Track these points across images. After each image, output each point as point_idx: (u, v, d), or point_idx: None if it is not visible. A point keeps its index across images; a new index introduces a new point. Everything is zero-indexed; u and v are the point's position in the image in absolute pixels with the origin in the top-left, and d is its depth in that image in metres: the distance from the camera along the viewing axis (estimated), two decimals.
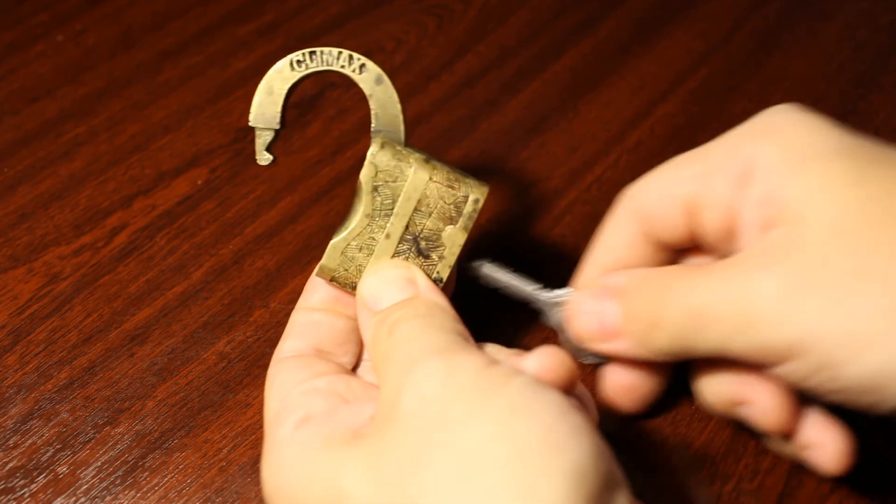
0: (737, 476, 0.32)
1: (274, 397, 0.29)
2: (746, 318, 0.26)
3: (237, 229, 0.41)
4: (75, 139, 0.45)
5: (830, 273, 0.25)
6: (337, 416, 0.27)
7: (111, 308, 0.38)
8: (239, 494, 0.32)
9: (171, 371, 0.36)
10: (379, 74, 0.31)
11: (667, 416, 0.34)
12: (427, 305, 0.28)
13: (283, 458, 0.27)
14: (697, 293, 0.27)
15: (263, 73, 0.31)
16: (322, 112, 0.47)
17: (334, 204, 0.42)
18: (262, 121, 0.31)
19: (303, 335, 0.31)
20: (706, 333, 0.27)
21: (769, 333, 0.25)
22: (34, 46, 0.50)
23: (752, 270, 0.26)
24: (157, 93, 0.48)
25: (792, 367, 0.26)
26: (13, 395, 0.35)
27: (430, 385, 0.24)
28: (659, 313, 0.28)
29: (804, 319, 0.25)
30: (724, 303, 0.26)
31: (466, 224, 0.30)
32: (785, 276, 0.25)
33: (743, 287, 0.26)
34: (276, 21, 0.52)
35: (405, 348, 0.26)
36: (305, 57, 0.31)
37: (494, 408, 0.23)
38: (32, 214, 0.42)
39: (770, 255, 0.26)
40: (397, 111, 0.31)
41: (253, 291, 0.38)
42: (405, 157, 0.30)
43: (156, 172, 0.44)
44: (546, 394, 0.24)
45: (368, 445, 0.24)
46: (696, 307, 0.27)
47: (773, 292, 0.25)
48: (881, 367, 0.24)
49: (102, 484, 0.32)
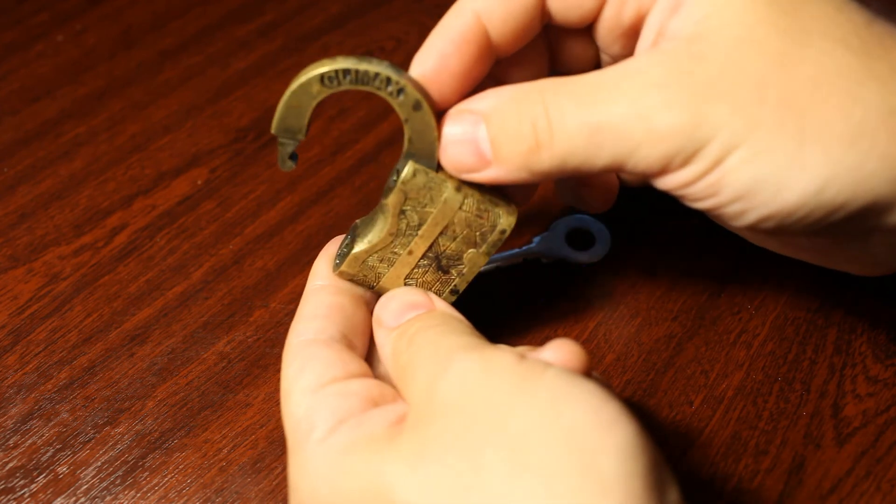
0: (737, 476, 0.32)
1: (301, 392, 0.27)
2: (654, 129, 0.25)
3: (237, 229, 0.41)
4: (75, 139, 0.45)
5: (734, 83, 0.25)
6: (371, 417, 0.26)
7: (111, 308, 0.38)
8: (239, 494, 0.32)
9: (171, 371, 0.36)
10: (417, 100, 0.28)
11: (667, 417, 0.34)
12: (443, 316, 0.29)
13: (318, 462, 0.26)
14: (598, 108, 0.26)
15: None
16: (322, 112, 0.47)
17: (334, 204, 0.42)
18: (286, 132, 0.28)
19: (329, 318, 0.29)
20: (606, 149, 0.26)
21: (673, 143, 0.25)
22: (34, 46, 0.50)
23: (658, 82, 0.25)
24: (157, 93, 0.48)
25: (682, 174, 0.26)
26: (13, 395, 0.35)
27: (469, 378, 0.24)
28: (544, 132, 0.26)
29: (709, 128, 0.25)
30: (630, 116, 0.25)
31: (489, 250, 0.31)
32: (692, 85, 0.25)
33: (651, 99, 0.25)
34: (276, 21, 0.52)
35: (431, 350, 0.26)
36: (338, 75, 0.27)
37: (537, 396, 0.23)
38: (32, 214, 0.42)
39: (675, 63, 0.26)
40: (433, 138, 0.28)
41: (253, 291, 0.38)
42: (437, 184, 0.29)
43: (156, 172, 0.44)
44: (582, 382, 0.24)
45: (410, 441, 0.24)
46: (598, 123, 0.26)
47: (682, 102, 0.25)
48: (759, 175, 0.25)
49: (102, 484, 0.32)
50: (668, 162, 0.26)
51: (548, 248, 0.39)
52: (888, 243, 0.28)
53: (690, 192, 0.27)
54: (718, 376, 0.35)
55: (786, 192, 0.25)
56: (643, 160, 0.26)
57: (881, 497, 0.32)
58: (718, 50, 0.25)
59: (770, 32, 0.25)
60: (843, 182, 0.25)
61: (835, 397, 0.34)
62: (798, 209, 0.25)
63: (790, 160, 0.25)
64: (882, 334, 0.36)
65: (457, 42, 0.28)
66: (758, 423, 0.34)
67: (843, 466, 0.32)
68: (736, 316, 0.37)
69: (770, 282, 0.38)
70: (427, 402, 0.25)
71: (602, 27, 0.30)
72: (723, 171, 0.25)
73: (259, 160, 0.44)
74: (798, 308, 0.37)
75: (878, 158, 0.24)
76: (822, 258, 0.31)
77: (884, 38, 0.26)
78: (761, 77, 0.25)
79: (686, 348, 0.36)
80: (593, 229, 0.40)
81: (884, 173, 0.25)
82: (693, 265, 0.39)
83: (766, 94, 0.25)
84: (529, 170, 0.27)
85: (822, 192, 0.25)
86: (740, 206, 0.26)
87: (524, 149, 0.27)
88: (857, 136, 0.24)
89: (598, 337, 0.36)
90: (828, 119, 0.25)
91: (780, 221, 0.26)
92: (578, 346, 0.27)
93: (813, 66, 0.25)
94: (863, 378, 0.35)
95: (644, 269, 0.39)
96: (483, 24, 0.28)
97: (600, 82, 0.26)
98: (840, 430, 0.33)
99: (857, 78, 0.25)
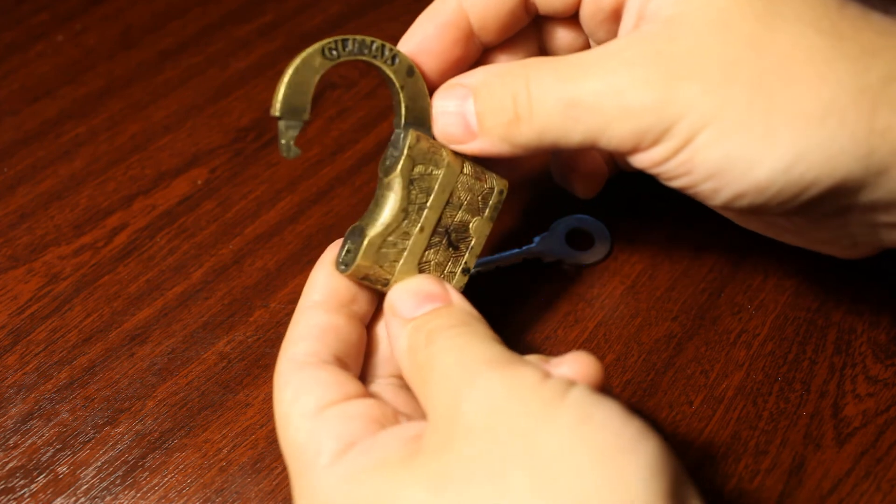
0: (737, 476, 0.32)
1: (301, 416, 0.26)
2: (626, 106, 0.26)
3: (237, 229, 0.41)
4: (75, 139, 0.45)
5: (705, 63, 0.26)
6: (382, 440, 0.26)
7: (111, 308, 0.38)
8: (239, 494, 0.32)
9: (171, 371, 0.36)
10: (410, 65, 0.29)
11: (667, 417, 0.34)
12: (462, 314, 0.28)
13: (330, 490, 0.25)
14: (574, 84, 0.27)
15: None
16: (322, 112, 0.47)
17: (334, 204, 0.42)
18: (291, 113, 0.28)
19: (323, 339, 0.28)
20: (581, 124, 0.27)
21: (645, 120, 0.26)
22: (34, 46, 0.50)
23: (632, 61, 0.27)
24: (157, 93, 0.48)
25: (655, 152, 0.27)
26: (13, 395, 0.35)
27: (493, 399, 0.24)
28: (524, 106, 0.28)
29: (680, 106, 0.26)
30: (604, 92, 0.27)
31: (492, 215, 0.31)
32: (664, 65, 0.26)
33: (624, 77, 0.26)
34: (276, 21, 0.52)
35: (453, 359, 0.26)
36: (337, 45, 0.28)
37: (562, 418, 0.23)
38: (32, 214, 0.42)
39: (650, 45, 0.27)
40: (427, 104, 0.30)
41: (253, 291, 0.38)
42: (438, 148, 0.30)
43: (156, 172, 0.44)
44: (604, 402, 0.24)
45: (430, 462, 0.24)
46: (574, 98, 0.27)
47: (653, 81, 0.26)
48: (729, 153, 0.26)
49: (102, 484, 0.32)
50: (640, 139, 0.27)
51: (548, 248, 0.39)
52: (865, 223, 0.28)
53: (664, 171, 0.27)
54: (718, 376, 0.35)
55: (756, 170, 0.26)
56: (615, 136, 0.27)
57: (881, 497, 0.32)
58: (691, 32, 0.26)
59: (742, 15, 0.26)
60: (812, 159, 0.25)
61: (835, 397, 0.34)
62: (769, 186, 0.26)
63: (760, 138, 0.25)
64: (882, 334, 0.36)
65: (438, 26, 0.30)
66: (758, 423, 0.34)
67: (843, 466, 0.32)
68: (736, 316, 0.37)
69: (770, 282, 0.38)
70: (449, 421, 0.24)
71: (585, 14, 0.31)
72: (694, 149, 0.26)
73: (259, 160, 0.44)
74: (798, 308, 0.37)
75: (848, 136, 0.25)
76: (802, 239, 0.31)
77: (855, 21, 0.26)
78: (732, 58, 0.26)
79: (686, 348, 0.36)
80: (593, 229, 0.40)
81: (854, 151, 0.25)
82: (693, 265, 0.39)
83: (736, 75, 0.25)
84: (511, 142, 0.28)
85: (791, 169, 0.25)
86: (713, 184, 0.27)
87: (505, 121, 0.28)
88: (826, 115, 0.25)
89: (598, 337, 0.36)
90: (797, 98, 0.25)
91: (752, 199, 0.27)
92: (594, 358, 0.26)
93: (783, 48, 0.26)
94: (863, 378, 0.35)
95: (644, 269, 0.39)
96: (465, 13, 0.30)
97: (580, 61, 0.28)
98: (840, 430, 0.33)
99: (827, 58, 0.25)
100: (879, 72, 0.25)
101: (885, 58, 0.25)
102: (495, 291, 0.38)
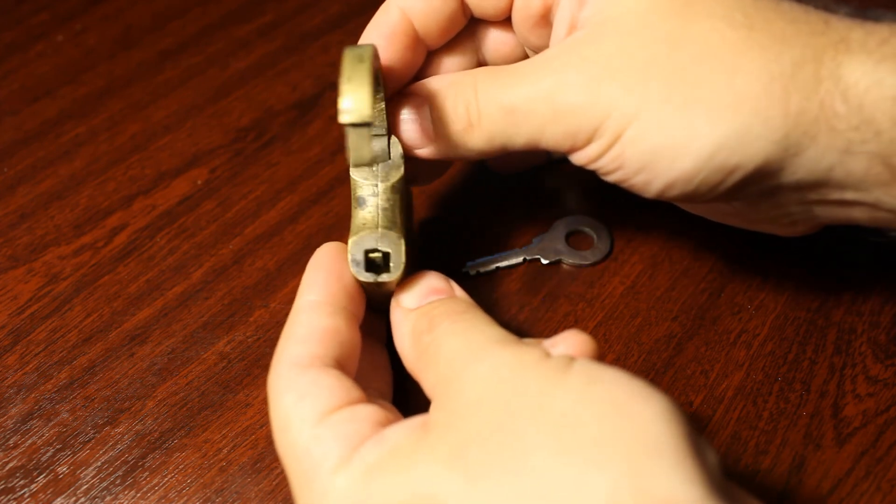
0: (737, 476, 0.32)
1: (303, 421, 0.26)
2: (557, 110, 0.29)
3: (237, 229, 0.41)
4: (75, 139, 0.45)
5: (626, 64, 0.28)
6: (390, 433, 0.25)
7: (111, 308, 0.38)
8: (239, 494, 0.32)
9: (171, 371, 0.36)
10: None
11: None
12: (465, 303, 0.29)
13: (340, 492, 0.24)
14: (513, 91, 0.29)
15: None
16: (322, 112, 0.47)
17: (334, 204, 0.42)
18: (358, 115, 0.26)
19: (323, 343, 0.28)
20: (521, 128, 0.29)
21: (575, 121, 0.28)
22: (34, 46, 0.50)
23: (560, 67, 0.29)
24: (157, 93, 0.48)
25: (590, 149, 0.29)
26: (13, 395, 0.35)
27: (501, 371, 0.25)
28: (475, 114, 0.30)
29: (604, 106, 0.28)
30: (537, 98, 0.29)
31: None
32: (588, 69, 0.28)
33: (553, 82, 0.29)
34: (276, 21, 0.52)
35: (460, 340, 0.27)
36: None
37: (571, 382, 0.24)
38: (32, 214, 0.42)
39: (576, 51, 0.29)
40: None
41: (253, 291, 0.38)
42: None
43: (156, 172, 0.44)
44: (609, 368, 0.25)
45: (442, 436, 0.24)
46: (512, 104, 0.29)
47: (579, 84, 0.28)
48: (654, 146, 0.27)
49: (102, 484, 0.32)
50: (574, 138, 0.29)
51: (548, 248, 0.39)
52: (797, 202, 0.29)
53: (600, 166, 0.29)
54: (718, 376, 0.35)
55: (681, 160, 0.27)
56: (553, 137, 0.29)
57: (881, 497, 0.32)
58: (615, 35, 0.28)
59: (661, 15, 0.28)
60: (732, 146, 0.27)
61: (835, 397, 0.34)
62: (695, 174, 0.28)
63: (681, 130, 0.27)
64: (882, 334, 0.36)
65: (387, 35, 0.32)
66: (758, 423, 0.34)
67: (843, 466, 0.32)
68: (736, 316, 0.37)
69: (770, 282, 0.38)
70: (457, 395, 0.25)
71: (516, 19, 0.33)
72: (623, 144, 0.28)
73: (259, 160, 0.44)
74: (798, 308, 0.37)
75: (762, 122, 0.26)
76: (745, 221, 0.33)
77: (767, 11, 0.28)
78: (650, 57, 0.28)
79: (686, 348, 0.36)
80: (593, 229, 0.40)
81: (769, 135, 0.27)
82: (693, 265, 0.39)
83: (654, 72, 0.27)
84: (465, 147, 0.31)
85: (713, 156, 0.27)
86: (644, 176, 0.29)
87: (459, 128, 0.30)
88: (740, 103, 0.26)
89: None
90: (712, 89, 0.27)
91: (682, 188, 0.28)
92: (587, 335, 0.27)
93: (698, 43, 0.27)
94: (863, 378, 0.35)
95: (644, 269, 0.39)
96: (409, 19, 0.32)
97: (517, 69, 0.30)
98: (840, 430, 0.33)
99: (739, 49, 0.27)
100: (790, 58, 0.27)
101: (795, 45, 0.27)
102: (495, 291, 0.38)
